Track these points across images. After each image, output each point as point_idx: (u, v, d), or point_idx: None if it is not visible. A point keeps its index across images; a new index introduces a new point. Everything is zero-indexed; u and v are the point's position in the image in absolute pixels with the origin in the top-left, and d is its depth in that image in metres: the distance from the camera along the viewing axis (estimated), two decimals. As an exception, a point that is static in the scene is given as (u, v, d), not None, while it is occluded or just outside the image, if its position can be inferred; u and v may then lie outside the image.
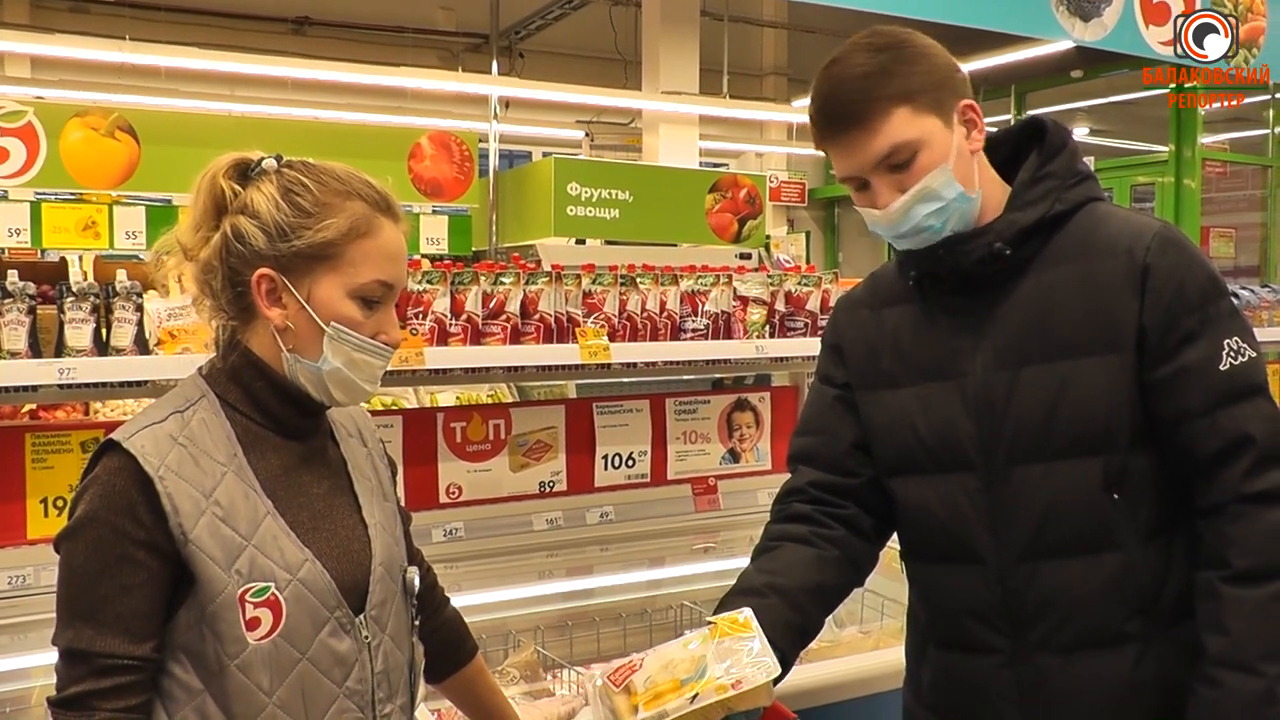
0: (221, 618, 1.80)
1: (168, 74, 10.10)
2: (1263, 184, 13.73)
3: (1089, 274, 2.14)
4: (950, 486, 2.24)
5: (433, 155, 9.53)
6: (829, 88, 2.16)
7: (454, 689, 2.41)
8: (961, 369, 2.22)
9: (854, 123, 2.12)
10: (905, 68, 2.13)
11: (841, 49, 2.19)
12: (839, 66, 2.16)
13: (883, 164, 2.13)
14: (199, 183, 1.94)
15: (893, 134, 2.10)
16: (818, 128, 2.21)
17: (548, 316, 3.55)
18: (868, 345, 2.39)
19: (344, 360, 1.90)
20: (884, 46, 2.15)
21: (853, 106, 2.11)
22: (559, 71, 12.05)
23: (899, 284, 2.38)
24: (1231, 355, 2.07)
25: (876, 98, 2.10)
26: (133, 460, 1.79)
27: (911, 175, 2.12)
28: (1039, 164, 2.24)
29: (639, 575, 4.02)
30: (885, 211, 2.16)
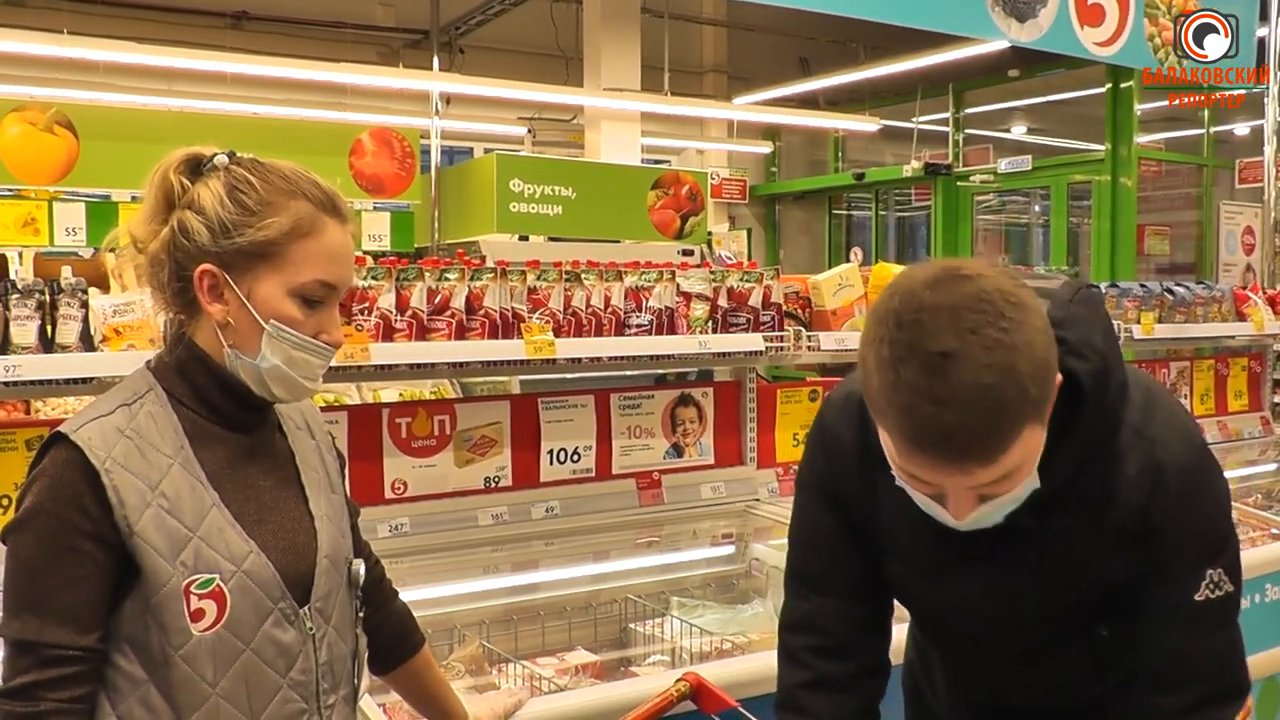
0: (166, 609, 1.82)
1: (106, 68, 9.99)
2: (1198, 183, 13.91)
3: (1093, 524, 1.98)
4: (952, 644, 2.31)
5: (374, 151, 9.51)
6: (946, 403, 1.65)
7: (401, 680, 2.43)
8: (954, 579, 2.10)
9: (976, 458, 1.70)
10: (1036, 371, 1.68)
11: (941, 325, 1.66)
12: (960, 368, 1.64)
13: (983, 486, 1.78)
14: (152, 176, 1.95)
15: (1012, 461, 1.72)
16: (912, 442, 1.71)
17: (493, 312, 3.57)
18: (864, 509, 2.16)
19: (283, 358, 1.92)
20: (1014, 342, 1.66)
21: (982, 444, 1.68)
22: (500, 68, 12.00)
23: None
24: (1211, 588, 1.97)
25: (1011, 427, 1.68)
26: (79, 452, 1.80)
27: (1002, 489, 1.79)
28: (1071, 416, 1.89)
29: (584, 569, 4.03)
30: (960, 521, 1.83)
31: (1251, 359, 6.27)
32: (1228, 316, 5.85)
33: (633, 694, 2.77)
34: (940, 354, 1.64)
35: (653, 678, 3.05)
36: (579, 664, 3.41)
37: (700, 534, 4.28)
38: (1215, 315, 5.79)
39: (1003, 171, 13.79)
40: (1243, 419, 6.06)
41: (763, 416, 4.50)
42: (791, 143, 17.39)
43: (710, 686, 2.64)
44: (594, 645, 3.68)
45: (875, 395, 1.73)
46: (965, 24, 6.63)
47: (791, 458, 4.51)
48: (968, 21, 6.57)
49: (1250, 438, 6.04)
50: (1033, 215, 15.18)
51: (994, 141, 14.70)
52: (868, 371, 1.73)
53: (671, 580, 4.07)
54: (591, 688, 3.15)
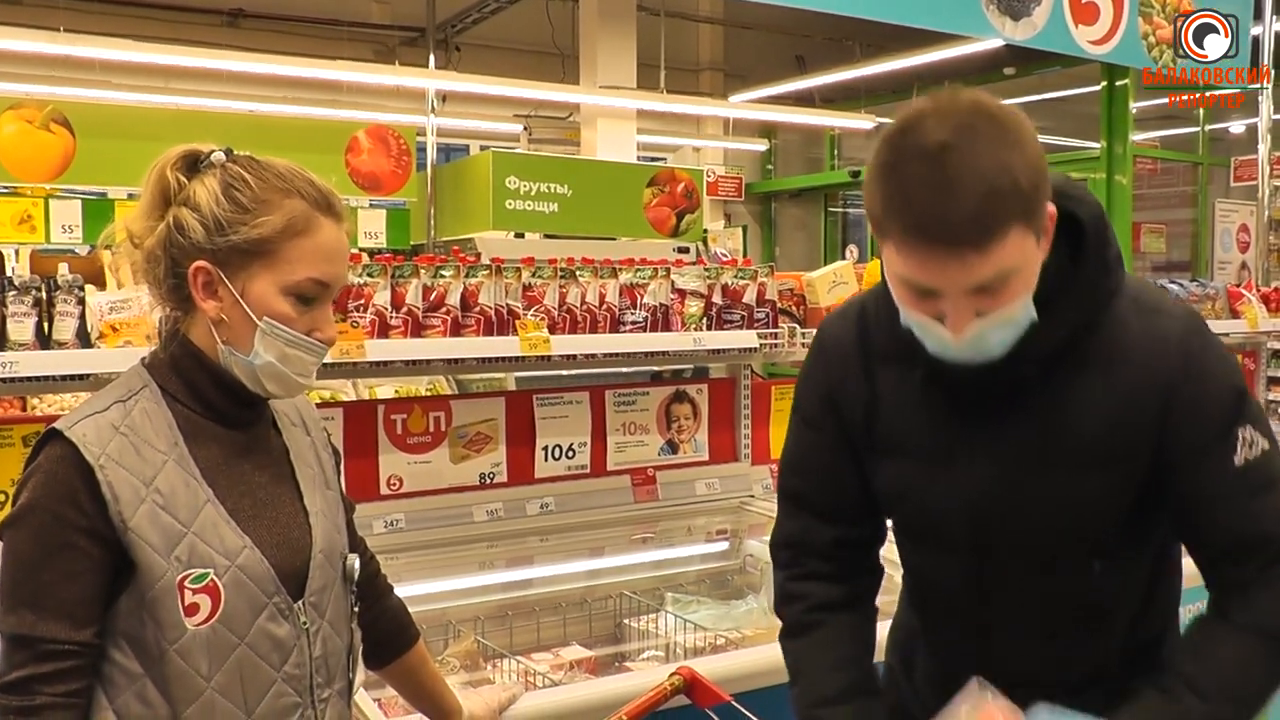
0: (161, 604, 1.83)
1: (102, 66, 9.98)
2: (1193, 180, 13.93)
3: (1108, 385, 1.99)
4: (943, 562, 2.23)
5: (370, 149, 9.52)
6: (945, 189, 1.74)
7: (396, 675, 2.44)
8: (958, 462, 2.09)
9: (970, 244, 1.75)
10: (1028, 169, 1.77)
11: (945, 121, 1.77)
12: (958, 159, 1.74)
13: (975, 288, 1.82)
14: (150, 172, 1.97)
15: (1004, 260, 1.78)
16: (909, 231, 1.79)
17: (488, 309, 3.58)
18: (863, 406, 2.18)
19: (276, 355, 1.93)
20: (1008, 140, 1.77)
21: (976, 227, 1.74)
22: (496, 65, 12.00)
23: (892, 338, 2.08)
24: (1246, 447, 1.98)
25: (1004, 216, 1.75)
26: (74, 449, 1.82)
27: (997, 300, 1.83)
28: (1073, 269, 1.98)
29: (578, 565, 4.05)
30: (958, 338, 1.87)
31: (1245, 356, 6.28)
32: (1221, 314, 5.86)
33: (626, 688, 2.78)
34: (939, 145, 1.74)
35: (646, 673, 3.07)
36: (574, 659, 3.42)
37: (695, 530, 4.30)
38: (1209, 313, 5.79)
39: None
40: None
41: (757, 413, 4.52)
42: (788, 140, 17.40)
43: (704, 680, 2.65)
44: (589, 641, 3.69)
45: (880, 202, 1.81)
46: (960, 23, 6.64)
47: (786, 454, 4.53)
48: (962, 20, 6.58)
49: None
50: (1028, 213, 15.16)
51: (990, 139, 14.67)
52: (872, 185, 1.83)
53: (666, 576, 4.08)
54: (585, 682, 3.17)
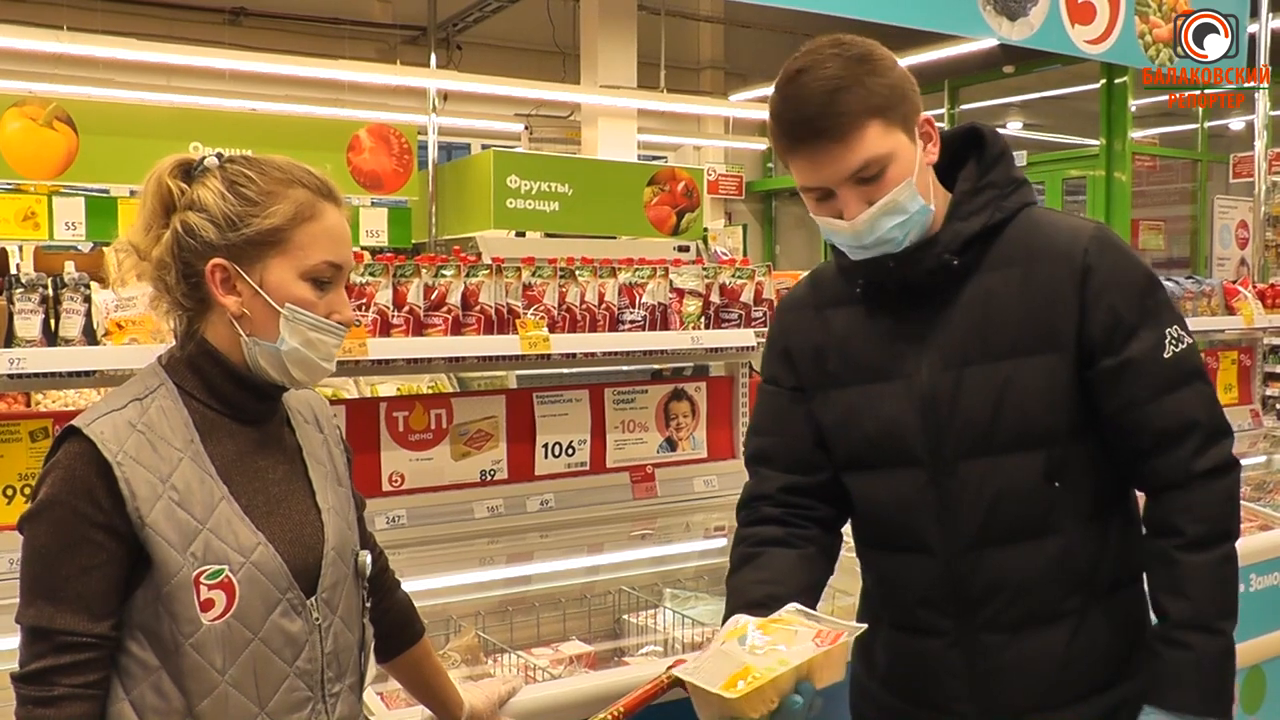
0: (177, 598, 1.86)
1: (105, 64, 10.01)
2: (1192, 178, 13.95)
3: (1028, 277, 2.20)
4: (899, 481, 2.32)
5: (371, 148, 9.54)
6: (799, 97, 2.11)
7: (401, 669, 2.47)
8: (907, 370, 2.27)
9: (829, 136, 2.08)
10: (876, 80, 2.10)
11: (805, 56, 2.14)
12: (808, 76, 2.10)
13: (853, 177, 2.11)
14: (145, 185, 2.00)
15: (867, 148, 2.08)
16: (785, 138, 2.15)
17: (488, 308, 3.61)
18: (814, 347, 2.40)
19: (301, 340, 1.97)
20: (854, 58, 2.11)
21: (828, 120, 2.07)
22: (497, 64, 12.04)
23: (842, 285, 2.38)
24: (1173, 343, 2.19)
25: (853, 111, 2.07)
26: (92, 446, 1.85)
27: (880, 188, 2.12)
28: (979, 173, 2.29)
29: (578, 561, 4.07)
30: (852, 223, 2.14)
31: (1241, 352, 6.31)
32: (1217, 311, 5.90)
33: (622, 682, 2.81)
34: (796, 70, 2.13)
35: (644, 667, 3.10)
36: (573, 654, 3.44)
37: (693, 527, 4.32)
38: (1205, 310, 5.83)
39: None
40: (1233, 412, 6.06)
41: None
42: (788, 139, 17.38)
43: None
44: (588, 636, 3.71)
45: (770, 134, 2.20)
46: (956, 23, 6.66)
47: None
48: (959, 20, 6.60)
49: (1240, 430, 6.06)
50: (1028, 210, 15.15)
51: (989, 137, 14.67)
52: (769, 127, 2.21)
53: (665, 572, 4.09)
54: (583, 676, 3.19)
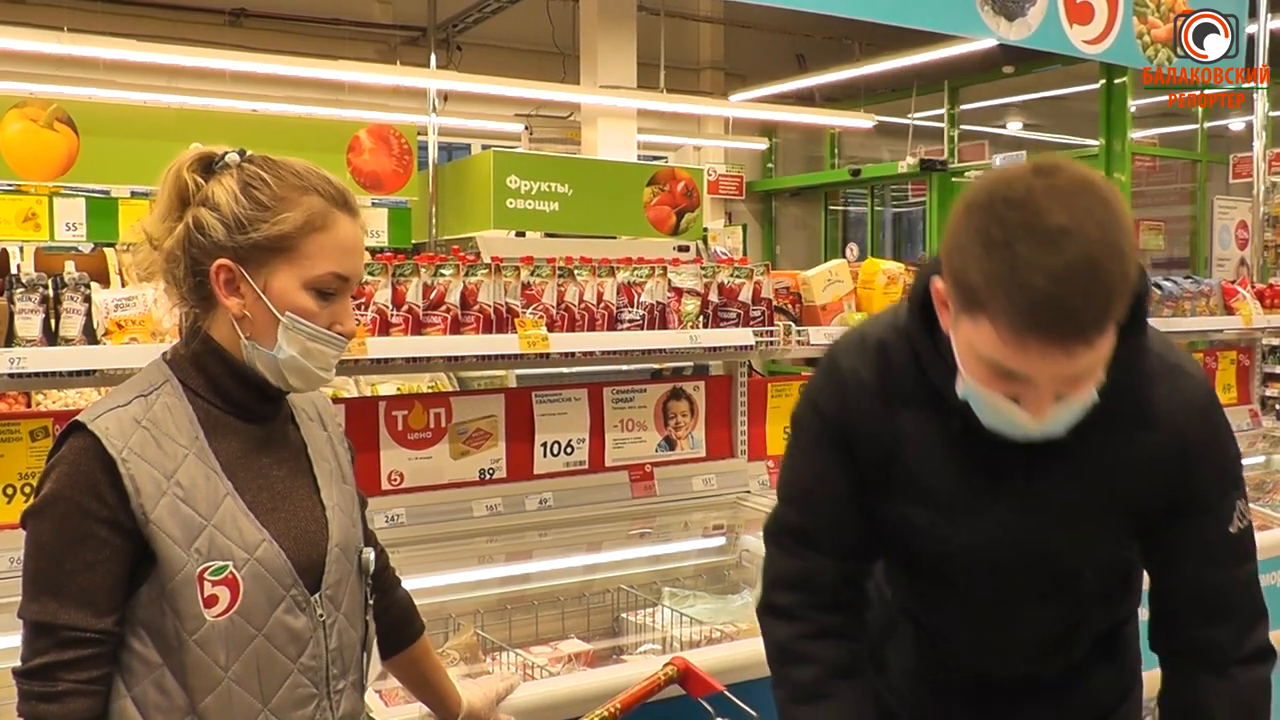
0: (180, 595, 1.87)
1: (106, 65, 10.02)
2: (1192, 178, 13.95)
3: (1135, 446, 2.03)
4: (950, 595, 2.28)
5: (372, 148, 9.56)
6: (1061, 278, 1.65)
7: (400, 666, 2.48)
8: (980, 511, 2.10)
9: (1081, 336, 1.70)
10: (1131, 257, 1.73)
11: (1054, 206, 1.68)
12: (1076, 248, 1.66)
13: (1072, 378, 1.79)
14: (165, 175, 2.01)
15: (1099, 353, 1.75)
16: (1014, 313, 1.69)
17: (487, 307, 3.62)
18: (883, 450, 2.14)
19: (299, 349, 1.97)
20: (1121, 226, 1.71)
21: (1089, 318, 1.69)
22: (497, 65, 12.04)
23: (916, 383, 2.08)
24: (1240, 519, 2.11)
25: (1116, 310, 1.72)
26: (97, 441, 1.85)
27: (1082, 387, 1.82)
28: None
29: (577, 560, 4.09)
30: (1037, 420, 1.84)
31: (1240, 352, 6.32)
32: (1216, 311, 5.91)
33: (619, 679, 2.82)
34: (1058, 229, 1.66)
35: (642, 665, 3.11)
36: (572, 653, 3.46)
37: (692, 525, 4.33)
38: (1203, 310, 5.84)
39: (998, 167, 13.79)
40: (1232, 412, 6.05)
41: (753, 410, 4.55)
42: (788, 139, 17.43)
43: (696, 670, 2.69)
44: (587, 634, 3.72)
45: (983, 279, 1.71)
46: (955, 23, 6.66)
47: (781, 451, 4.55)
48: (957, 20, 6.60)
49: (1239, 430, 6.05)
50: (1028, 211, 15.15)
51: (989, 137, 14.72)
52: (970, 257, 1.73)
53: (663, 571, 4.11)
54: (581, 673, 3.21)
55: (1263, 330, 6.18)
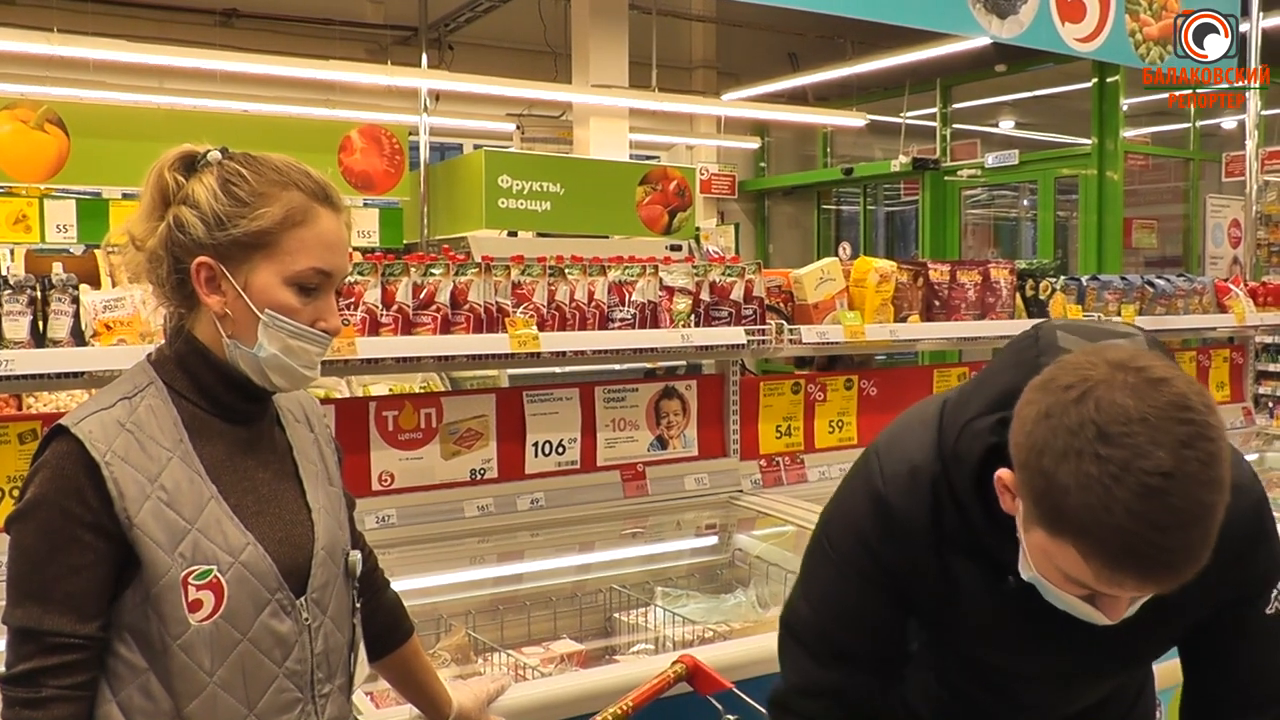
0: (165, 599, 1.85)
1: (96, 66, 10.00)
2: (1184, 176, 13.95)
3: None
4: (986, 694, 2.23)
5: (363, 148, 9.56)
6: (1164, 527, 1.57)
7: (390, 668, 2.46)
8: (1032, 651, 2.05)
9: (1177, 576, 1.63)
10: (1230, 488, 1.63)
11: (1159, 445, 1.56)
12: (1179, 496, 1.56)
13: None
14: (148, 175, 1.99)
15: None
16: (1107, 556, 1.61)
17: (477, 307, 3.61)
18: (934, 595, 2.05)
19: (280, 347, 1.95)
20: (1223, 466, 1.60)
21: (1188, 560, 1.61)
22: (489, 64, 12.03)
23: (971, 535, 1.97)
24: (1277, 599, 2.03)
25: (1214, 540, 1.62)
26: (80, 445, 1.84)
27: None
28: None
29: (569, 560, 4.09)
30: (1112, 620, 1.76)
31: (1233, 350, 6.33)
32: (1209, 308, 5.92)
33: (613, 680, 2.82)
34: (1161, 475, 1.54)
35: (634, 665, 3.10)
36: (564, 653, 3.46)
37: (684, 525, 4.33)
38: (1196, 307, 5.85)
39: (990, 166, 13.82)
40: (1225, 409, 6.09)
41: (745, 409, 4.54)
42: (780, 138, 17.44)
43: (706, 668, 2.69)
44: (579, 635, 3.72)
45: (1076, 512, 1.59)
46: (947, 21, 6.67)
47: (773, 449, 4.56)
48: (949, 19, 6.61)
49: (1232, 428, 6.08)
50: (1020, 209, 15.18)
51: (981, 136, 14.72)
52: (1058, 486, 1.60)
53: (656, 570, 4.11)
54: (572, 674, 3.20)
55: (1255, 328, 6.19)
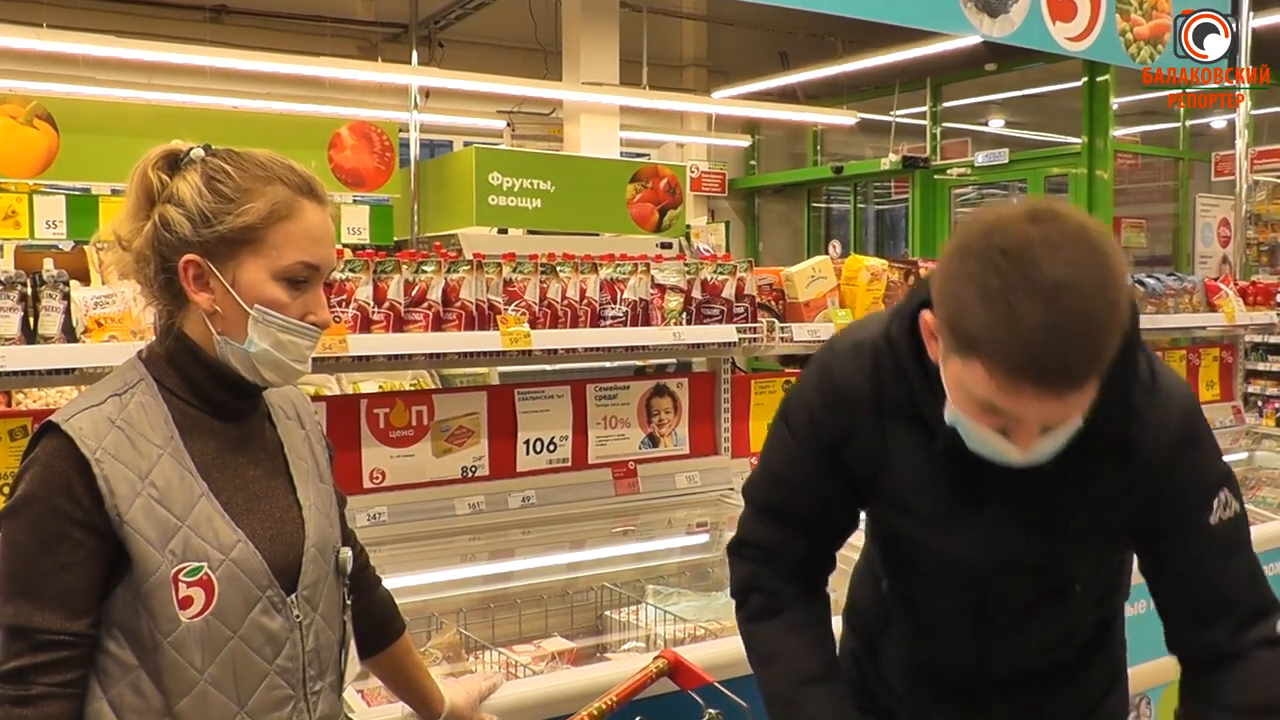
0: (155, 596, 1.85)
1: (86, 62, 10.00)
2: (1174, 176, 14.00)
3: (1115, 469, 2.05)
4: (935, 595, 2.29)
5: (353, 145, 9.54)
6: (1057, 329, 1.69)
7: (382, 665, 2.46)
8: (962, 527, 2.13)
9: (1073, 384, 1.75)
10: (1125, 306, 1.77)
11: (1055, 259, 1.70)
12: (1073, 301, 1.70)
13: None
14: (132, 175, 1.99)
15: (1090, 391, 1.80)
16: (1010, 360, 1.73)
17: (469, 304, 3.61)
18: (872, 462, 2.18)
19: (271, 342, 1.95)
20: (1116, 278, 1.74)
21: (1082, 368, 1.74)
22: (479, 61, 12.03)
23: (906, 402, 2.10)
24: (1222, 508, 2.08)
25: (1104, 358, 1.76)
26: (70, 442, 1.83)
27: (1070, 421, 1.86)
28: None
29: (560, 558, 4.08)
30: (1024, 452, 1.88)
31: (1223, 349, 6.34)
32: (1199, 307, 5.92)
33: (603, 677, 2.81)
34: (1055, 284, 1.69)
35: (625, 663, 3.10)
36: (555, 651, 3.45)
37: (675, 523, 4.33)
38: (1186, 306, 5.85)
39: (980, 165, 13.87)
40: (1214, 408, 6.11)
41: (737, 407, 4.55)
42: (771, 136, 17.46)
43: (687, 663, 2.68)
44: (570, 632, 3.72)
45: (978, 328, 1.74)
46: (938, 20, 6.67)
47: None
48: (940, 17, 6.60)
49: (1222, 427, 6.09)
50: (1010, 208, 15.20)
51: (971, 135, 14.76)
52: (965, 304, 1.76)
53: (647, 568, 4.11)
54: (564, 672, 3.20)
55: (1245, 327, 6.20)
